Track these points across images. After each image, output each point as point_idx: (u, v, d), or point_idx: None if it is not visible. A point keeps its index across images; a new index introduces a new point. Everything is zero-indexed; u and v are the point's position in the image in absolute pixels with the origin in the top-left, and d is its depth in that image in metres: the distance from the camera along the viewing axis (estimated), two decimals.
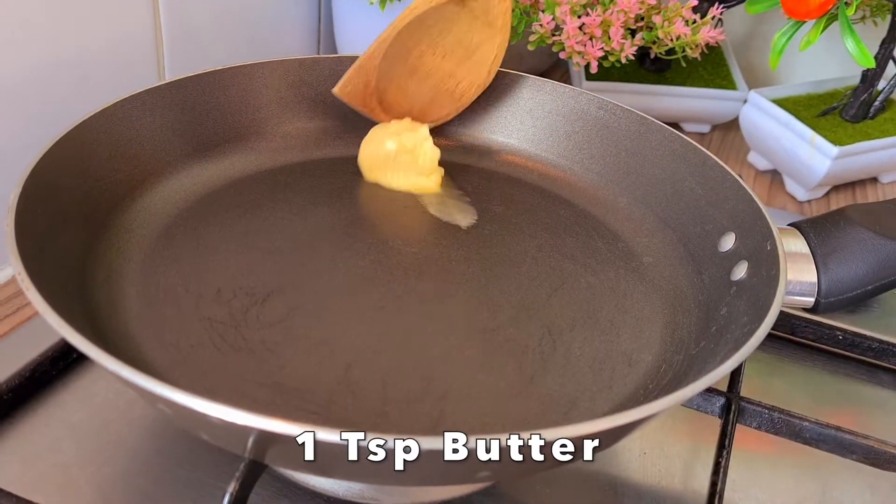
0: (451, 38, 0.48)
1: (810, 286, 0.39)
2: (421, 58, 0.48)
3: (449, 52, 0.48)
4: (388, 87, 0.48)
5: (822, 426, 0.39)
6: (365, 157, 0.48)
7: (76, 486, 0.35)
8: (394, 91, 0.48)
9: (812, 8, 0.53)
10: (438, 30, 0.47)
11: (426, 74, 0.49)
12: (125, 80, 0.52)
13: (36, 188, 0.35)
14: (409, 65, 0.48)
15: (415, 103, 0.49)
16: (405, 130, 0.48)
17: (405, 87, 0.49)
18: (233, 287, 0.39)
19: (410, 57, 0.48)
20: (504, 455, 0.27)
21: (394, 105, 0.49)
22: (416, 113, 0.50)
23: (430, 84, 0.49)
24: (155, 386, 0.26)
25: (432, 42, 0.48)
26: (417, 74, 0.48)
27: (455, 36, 0.48)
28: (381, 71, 0.46)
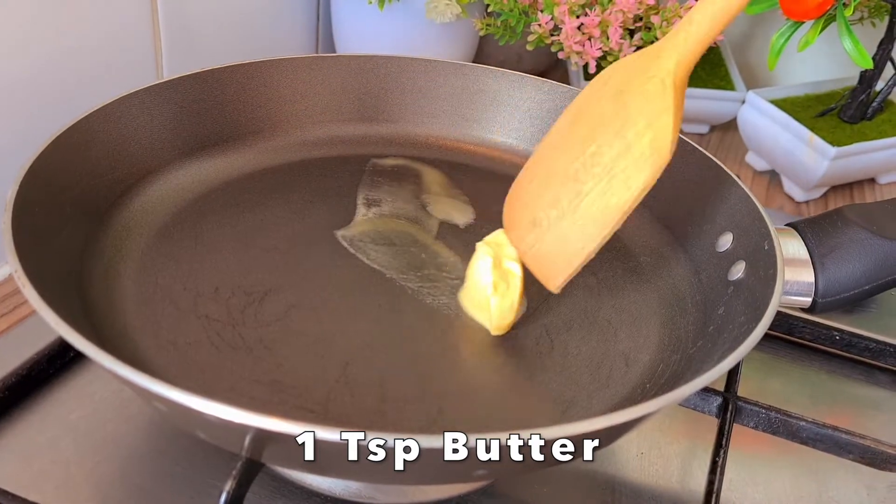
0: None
1: (807, 286, 0.39)
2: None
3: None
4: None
5: (819, 426, 0.39)
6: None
7: (74, 485, 0.35)
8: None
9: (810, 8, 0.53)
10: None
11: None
12: (123, 78, 0.52)
13: (33, 186, 0.35)
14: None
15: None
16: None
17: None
18: (231, 285, 0.39)
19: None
20: (502, 454, 0.27)
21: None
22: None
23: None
24: (152, 384, 0.26)
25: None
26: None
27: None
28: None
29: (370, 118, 0.52)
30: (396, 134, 0.52)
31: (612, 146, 0.35)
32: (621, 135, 0.35)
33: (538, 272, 0.37)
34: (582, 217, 0.36)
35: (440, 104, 0.53)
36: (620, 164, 0.35)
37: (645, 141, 0.34)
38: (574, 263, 0.36)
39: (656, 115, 0.34)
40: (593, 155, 0.36)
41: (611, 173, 0.35)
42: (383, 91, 0.52)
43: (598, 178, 0.36)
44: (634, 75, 0.35)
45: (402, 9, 0.62)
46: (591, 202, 0.36)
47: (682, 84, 0.35)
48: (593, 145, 0.36)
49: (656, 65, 0.35)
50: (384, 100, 0.52)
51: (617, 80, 0.36)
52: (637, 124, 0.35)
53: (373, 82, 0.52)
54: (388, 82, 0.52)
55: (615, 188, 0.35)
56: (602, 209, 0.35)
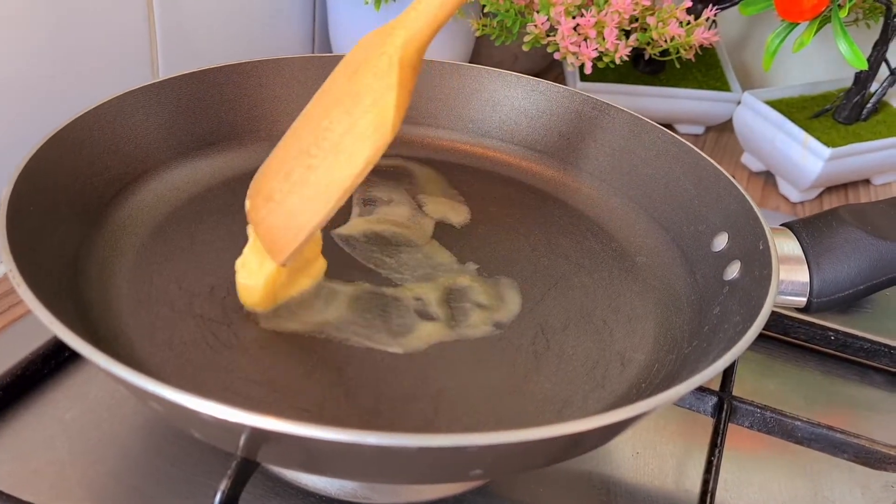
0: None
1: (802, 286, 0.39)
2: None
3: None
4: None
5: (814, 425, 0.39)
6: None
7: (68, 484, 0.35)
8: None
9: (805, 10, 0.53)
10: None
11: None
12: (119, 77, 0.52)
13: (28, 185, 0.35)
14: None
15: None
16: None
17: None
18: (226, 285, 0.39)
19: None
20: (498, 454, 0.27)
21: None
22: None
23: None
24: (147, 383, 0.26)
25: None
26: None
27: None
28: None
29: None
30: None
31: (340, 122, 0.35)
32: (350, 112, 0.35)
33: (268, 245, 0.37)
34: (309, 191, 0.35)
35: (436, 104, 0.53)
36: (346, 141, 0.35)
37: (368, 118, 0.34)
38: (299, 237, 0.36)
39: (381, 92, 0.34)
40: (325, 130, 0.36)
41: (337, 149, 0.35)
42: None
43: (325, 153, 0.35)
44: (368, 53, 0.35)
45: (398, 9, 0.62)
46: (318, 177, 0.35)
47: (411, 62, 0.35)
48: (326, 121, 0.36)
49: (387, 43, 0.35)
50: None
51: (356, 58, 0.36)
52: (363, 102, 0.35)
53: None
54: None
55: (340, 164, 0.35)
56: (327, 184, 0.35)
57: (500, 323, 0.39)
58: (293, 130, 0.37)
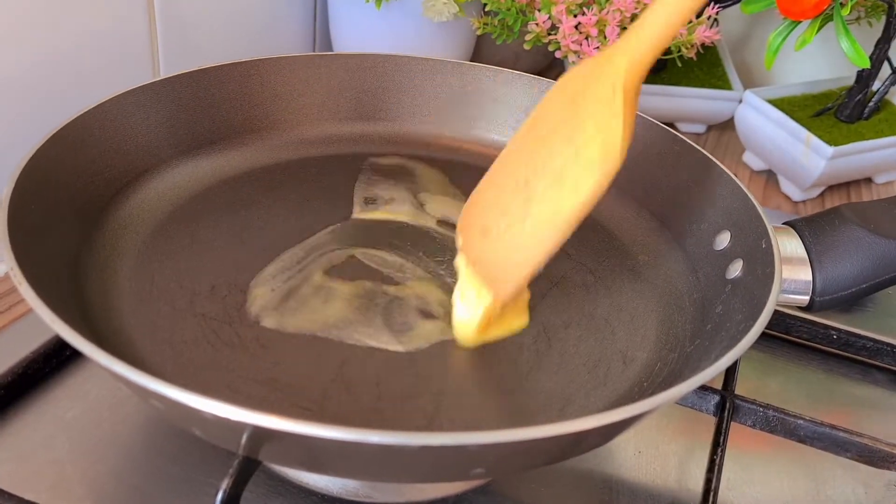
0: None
1: (805, 284, 0.39)
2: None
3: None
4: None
5: (817, 424, 0.39)
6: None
7: (69, 484, 0.35)
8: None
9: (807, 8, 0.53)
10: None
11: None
12: (120, 76, 0.52)
13: (29, 184, 0.35)
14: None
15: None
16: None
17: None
18: (227, 284, 0.39)
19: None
20: (499, 452, 0.27)
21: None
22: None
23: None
24: (148, 381, 0.26)
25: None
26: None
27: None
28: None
29: (367, 117, 0.52)
30: (393, 132, 0.52)
31: (562, 152, 0.34)
32: (571, 140, 0.34)
33: (489, 281, 0.36)
34: (530, 225, 0.35)
35: (437, 103, 0.53)
36: (569, 171, 0.34)
37: (594, 146, 0.33)
38: (522, 273, 0.35)
39: (606, 120, 0.33)
40: (544, 162, 0.35)
41: (560, 180, 0.34)
42: (380, 90, 0.52)
43: (547, 185, 0.34)
44: (587, 80, 0.35)
45: (399, 7, 0.62)
46: (539, 210, 0.34)
47: (633, 88, 0.34)
48: (544, 150, 0.35)
49: (608, 69, 0.34)
50: (381, 98, 0.52)
51: (572, 86, 0.35)
52: (587, 130, 0.34)
53: (370, 81, 0.52)
54: (386, 81, 0.52)
55: (564, 195, 0.34)
56: (550, 217, 0.34)
57: None
58: (504, 161, 0.37)
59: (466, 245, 0.37)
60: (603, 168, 0.33)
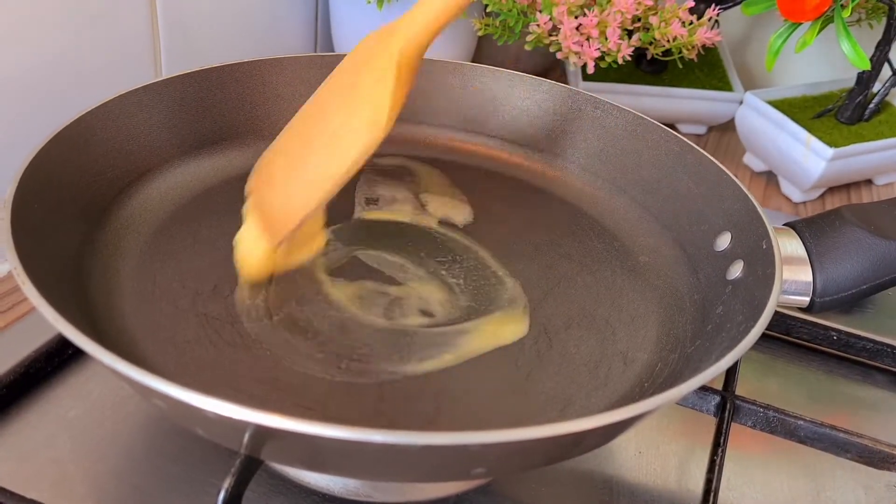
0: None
1: (805, 286, 0.39)
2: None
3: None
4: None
5: (817, 425, 0.39)
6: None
7: (71, 482, 0.35)
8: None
9: (808, 10, 0.53)
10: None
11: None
12: (122, 76, 0.52)
13: (32, 183, 0.35)
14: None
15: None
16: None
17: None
18: (229, 283, 0.39)
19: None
20: (500, 452, 0.27)
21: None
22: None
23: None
24: (150, 380, 0.26)
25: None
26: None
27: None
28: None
29: None
30: (394, 133, 0.51)
31: (337, 115, 0.37)
32: (347, 106, 0.36)
33: (265, 226, 0.38)
34: (305, 180, 0.37)
35: (439, 103, 0.53)
36: (341, 134, 0.36)
37: (363, 114, 0.36)
38: (293, 222, 0.37)
39: (377, 90, 0.35)
40: (323, 122, 0.37)
41: (333, 142, 0.36)
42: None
43: (322, 144, 0.37)
44: (370, 52, 0.37)
45: (400, 8, 0.62)
46: (314, 167, 0.37)
47: (409, 62, 0.36)
48: (325, 113, 0.37)
49: (388, 42, 0.36)
50: None
51: (358, 56, 0.37)
52: (360, 98, 0.36)
53: None
54: None
55: (334, 157, 0.36)
56: (321, 175, 0.36)
57: None
58: (297, 118, 0.39)
59: (254, 190, 0.39)
60: (367, 136, 0.35)
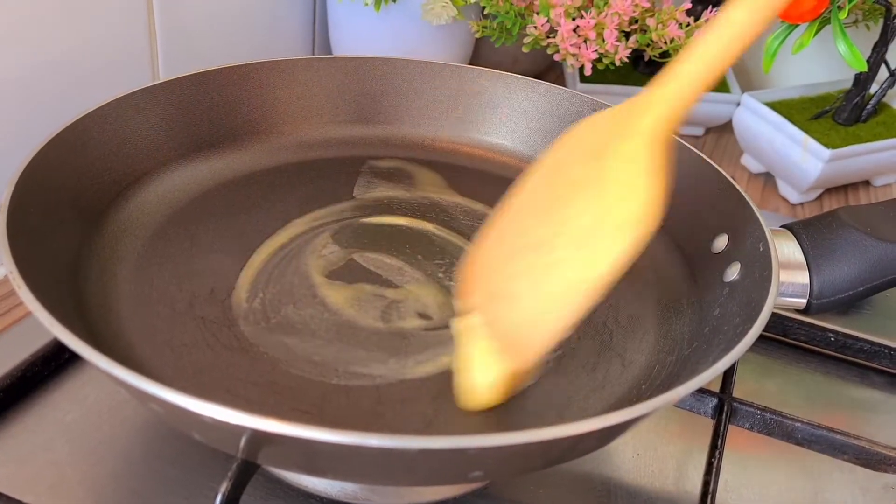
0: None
1: (802, 287, 0.39)
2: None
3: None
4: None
5: (815, 427, 0.39)
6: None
7: (68, 486, 0.35)
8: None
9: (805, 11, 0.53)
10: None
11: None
12: (119, 79, 0.52)
13: (29, 187, 0.35)
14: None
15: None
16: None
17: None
18: (226, 287, 0.39)
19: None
20: (497, 455, 0.27)
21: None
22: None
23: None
24: (147, 385, 0.26)
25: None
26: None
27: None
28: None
29: (366, 120, 0.52)
30: (392, 135, 0.52)
31: (585, 213, 0.31)
32: (597, 201, 0.30)
33: (505, 348, 0.33)
34: (551, 293, 0.31)
35: (436, 106, 0.53)
36: (596, 234, 0.30)
37: (624, 209, 0.30)
38: (541, 343, 0.31)
39: (637, 180, 0.30)
40: (564, 222, 0.31)
41: (585, 244, 0.30)
42: (379, 93, 0.52)
43: (569, 248, 0.31)
44: (613, 134, 0.31)
45: (398, 10, 0.62)
46: (561, 275, 0.31)
47: (665, 143, 0.31)
48: (564, 211, 0.31)
49: (637, 124, 0.31)
50: (380, 101, 0.52)
51: (593, 139, 0.32)
52: (615, 190, 0.30)
53: (369, 84, 0.52)
54: (384, 84, 0.52)
55: (589, 261, 0.30)
56: (574, 284, 0.30)
57: None
58: (513, 216, 0.34)
59: (475, 308, 0.34)
60: (634, 232, 0.29)
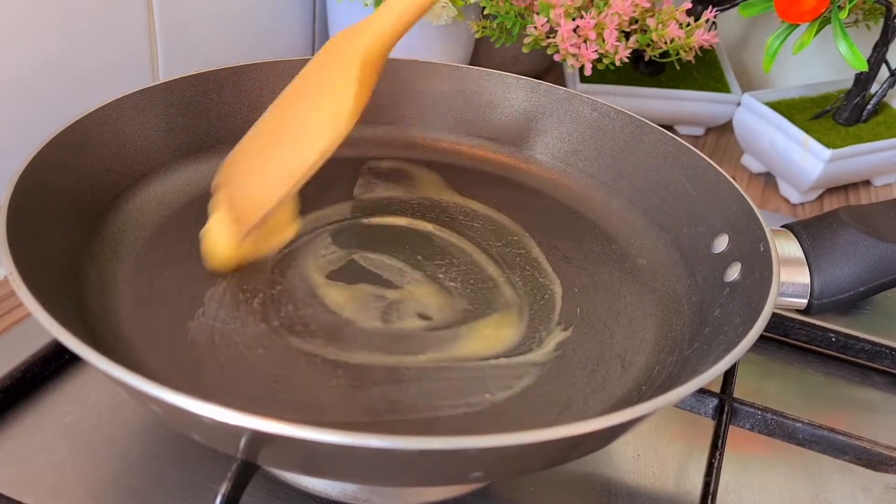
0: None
1: (803, 287, 0.39)
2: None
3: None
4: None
5: (815, 427, 0.39)
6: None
7: (68, 487, 0.35)
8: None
9: (805, 11, 0.53)
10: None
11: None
12: (119, 80, 0.52)
13: (28, 187, 0.35)
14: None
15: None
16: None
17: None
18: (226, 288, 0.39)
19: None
20: (498, 455, 0.27)
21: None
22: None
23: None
24: (146, 386, 0.26)
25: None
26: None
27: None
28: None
29: (366, 120, 0.51)
30: (392, 136, 0.52)
31: (303, 112, 0.38)
32: (313, 102, 0.38)
33: (233, 218, 0.39)
34: (270, 173, 0.38)
35: (436, 106, 0.53)
36: (306, 130, 0.37)
37: (327, 111, 0.37)
38: (257, 215, 0.38)
39: (341, 88, 0.37)
40: (290, 118, 0.38)
41: (298, 137, 0.38)
42: (379, 93, 0.52)
43: (288, 139, 0.38)
44: (338, 50, 0.38)
45: None
46: (279, 161, 0.38)
47: (373, 62, 0.37)
48: (292, 109, 0.38)
49: (353, 42, 0.37)
50: (380, 102, 0.52)
51: (327, 54, 0.39)
52: (325, 95, 0.37)
53: None
54: (384, 84, 0.52)
55: (299, 151, 0.37)
56: (286, 169, 0.37)
57: None
58: (265, 117, 0.40)
59: (221, 188, 0.40)
60: (331, 132, 0.36)
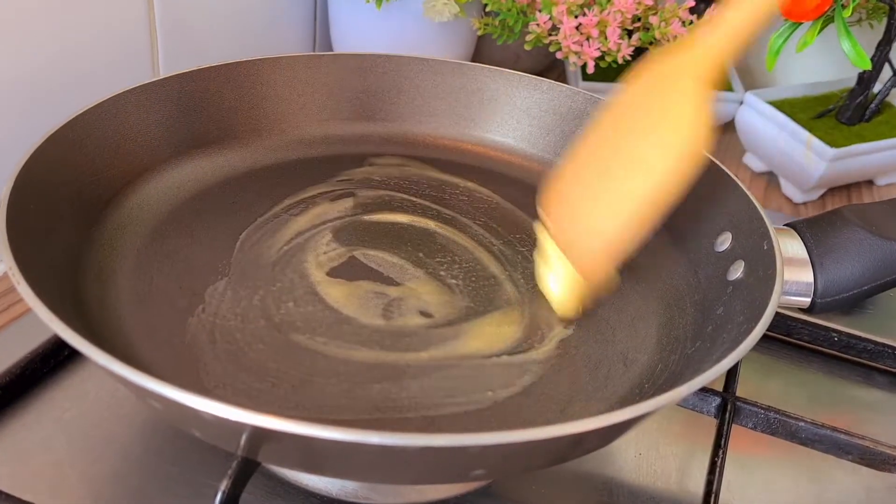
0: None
1: (806, 286, 0.39)
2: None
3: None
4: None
5: (818, 426, 0.39)
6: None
7: (68, 484, 0.35)
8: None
9: (808, 10, 0.53)
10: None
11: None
12: (119, 75, 0.52)
13: (28, 184, 0.35)
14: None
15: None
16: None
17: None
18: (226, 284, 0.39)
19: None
20: (499, 453, 0.27)
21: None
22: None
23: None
24: (146, 381, 0.25)
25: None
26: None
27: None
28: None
29: (367, 117, 0.52)
30: (394, 133, 0.52)
31: (643, 141, 0.37)
32: (654, 130, 0.37)
33: (576, 264, 0.38)
34: (609, 207, 0.37)
35: (438, 103, 0.53)
36: (651, 156, 0.37)
37: (676, 135, 0.36)
38: (607, 253, 0.37)
39: (688, 112, 0.36)
40: (627, 150, 0.37)
41: (641, 165, 0.37)
42: (380, 90, 0.52)
43: (627, 169, 0.37)
44: (670, 76, 0.37)
45: (399, 7, 0.62)
46: (619, 190, 0.37)
47: (713, 82, 0.37)
48: (627, 141, 0.38)
49: (690, 65, 0.37)
50: (381, 99, 0.52)
51: (653, 80, 0.38)
52: (669, 121, 0.36)
53: (370, 81, 0.52)
54: (386, 81, 0.52)
55: (644, 178, 0.36)
56: (632, 198, 0.37)
57: None
58: (586, 150, 0.39)
59: (555, 231, 0.40)
60: (684, 155, 0.36)
